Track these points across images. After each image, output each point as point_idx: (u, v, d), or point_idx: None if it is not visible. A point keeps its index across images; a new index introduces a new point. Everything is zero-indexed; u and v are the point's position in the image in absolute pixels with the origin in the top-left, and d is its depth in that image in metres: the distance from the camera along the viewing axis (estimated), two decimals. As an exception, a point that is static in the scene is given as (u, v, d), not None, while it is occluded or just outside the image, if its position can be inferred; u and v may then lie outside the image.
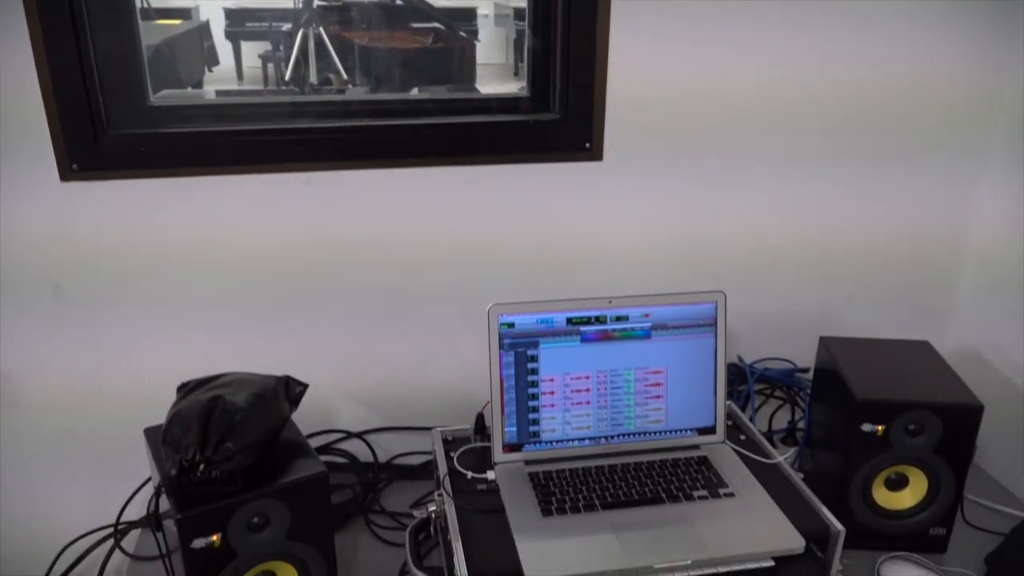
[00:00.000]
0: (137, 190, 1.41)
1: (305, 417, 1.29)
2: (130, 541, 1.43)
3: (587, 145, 1.52)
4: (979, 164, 1.68)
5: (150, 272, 1.47)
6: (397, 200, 1.51)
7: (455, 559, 1.12)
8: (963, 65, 1.60)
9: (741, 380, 1.69)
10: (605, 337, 1.33)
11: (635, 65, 1.49)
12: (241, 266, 1.50)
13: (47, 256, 1.42)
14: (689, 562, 1.12)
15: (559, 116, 1.52)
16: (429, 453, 1.46)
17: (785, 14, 1.51)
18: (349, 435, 1.64)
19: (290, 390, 1.22)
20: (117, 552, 1.43)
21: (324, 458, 1.20)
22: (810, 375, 1.66)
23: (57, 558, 1.51)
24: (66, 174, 1.37)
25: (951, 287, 1.77)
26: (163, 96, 1.49)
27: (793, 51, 1.54)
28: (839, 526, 1.19)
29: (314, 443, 1.25)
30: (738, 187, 1.61)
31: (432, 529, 1.33)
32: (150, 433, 1.23)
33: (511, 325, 1.30)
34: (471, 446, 1.40)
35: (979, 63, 1.61)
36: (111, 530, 1.46)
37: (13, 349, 1.47)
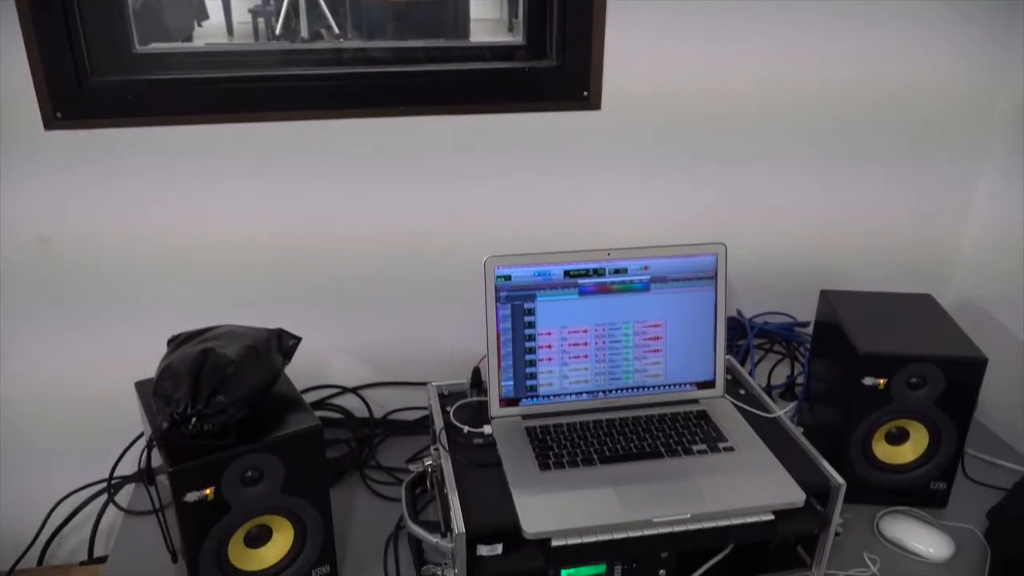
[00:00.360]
0: (124, 139, 1.38)
1: (299, 372, 1.27)
2: (124, 496, 1.42)
3: (585, 93, 1.48)
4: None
5: (139, 224, 1.44)
6: (390, 150, 1.47)
7: (452, 513, 1.11)
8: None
9: (740, 334, 1.67)
10: (603, 290, 1.31)
11: (637, 9, 1.45)
12: (234, 219, 1.47)
13: (32, 206, 1.39)
14: (688, 516, 1.11)
15: (556, 63, 1.48)
16: (425, 408, 1.45)
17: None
18: (344, 390, 1.62)
19: (283, 343, 1.20)
20: (111, 507, 1.43)
21: (319, 413, 1.18)
22: (810, 329, 1.65)
23: (50, 513, 1.51)
24: (50, 122, 1.34)
25: (953, 247, 1.75)
26: (150, 47, 1.45)
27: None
28: (840, 480, 1.18)
29: (308, 398, 1.23)
30: (738, 142, 1.58)
31: (428, 484, 1.32)
32: (141, 387, 1.21)
33: (508, 278, 1.28)
34: (467, 401, 1.38)
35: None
36: (104, 485, 1.45)
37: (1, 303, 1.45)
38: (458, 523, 1.09)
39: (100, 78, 1.35)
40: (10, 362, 1.48)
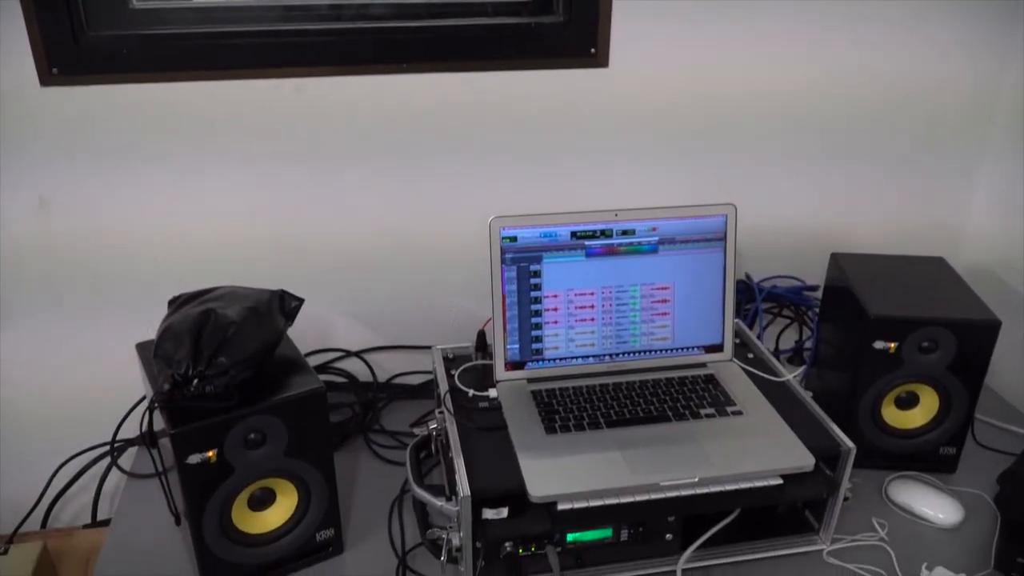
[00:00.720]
0: (121, 96, 1.35)
1: (302, 336, 1.26)
2: (127, 459, 1.41)
3: (592, 51, 1.45)
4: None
5: (137, 185, 1.42)
6: (392, 108, 1.44)
7: (457, 476, 1.10)
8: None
9: (749, 298, 1.65)
10: (611, 252, 1.29)
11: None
12: (234, 180, 1.44)
13: (27, 164, 1.36)
14: (696, 480, 1.10)
15: (562, 19, 1.44)
16: (429, 372, 1.43)
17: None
18: (348, 354, 1.61)
19: (285, 304, 1.18)
20: (114, 470, 1.42)
21: (322, 377, 1.17)
22: (819, 293, 1.63)
23: (53, 477, 1.50)
24: (46, 79, 1.31)
25: (964, 213, 1.73)
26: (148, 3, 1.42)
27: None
28: (849, 444, 1.17)
29: (312, 362, 1.21)
30: (749, 106, 1.55)
31: (433, 448, 1.31)
32: (142, 348, 1.20)
33: (513, 239, 1.25)
34: (472, 364, 1.37)
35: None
36: (107, 448, 1.44)
37: (-1, 265, 1.43)
38: (463, 486, 1.08)
39: (97, 33, 1.32)
40: (11, 326, 1.47)
